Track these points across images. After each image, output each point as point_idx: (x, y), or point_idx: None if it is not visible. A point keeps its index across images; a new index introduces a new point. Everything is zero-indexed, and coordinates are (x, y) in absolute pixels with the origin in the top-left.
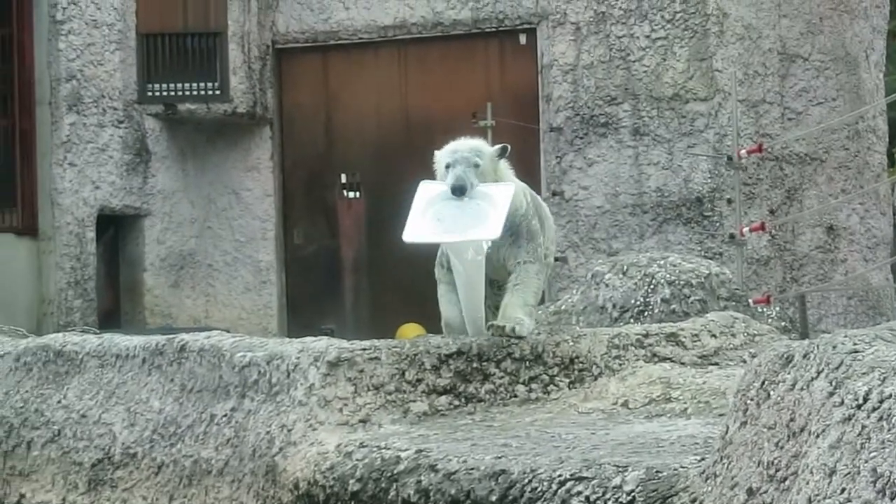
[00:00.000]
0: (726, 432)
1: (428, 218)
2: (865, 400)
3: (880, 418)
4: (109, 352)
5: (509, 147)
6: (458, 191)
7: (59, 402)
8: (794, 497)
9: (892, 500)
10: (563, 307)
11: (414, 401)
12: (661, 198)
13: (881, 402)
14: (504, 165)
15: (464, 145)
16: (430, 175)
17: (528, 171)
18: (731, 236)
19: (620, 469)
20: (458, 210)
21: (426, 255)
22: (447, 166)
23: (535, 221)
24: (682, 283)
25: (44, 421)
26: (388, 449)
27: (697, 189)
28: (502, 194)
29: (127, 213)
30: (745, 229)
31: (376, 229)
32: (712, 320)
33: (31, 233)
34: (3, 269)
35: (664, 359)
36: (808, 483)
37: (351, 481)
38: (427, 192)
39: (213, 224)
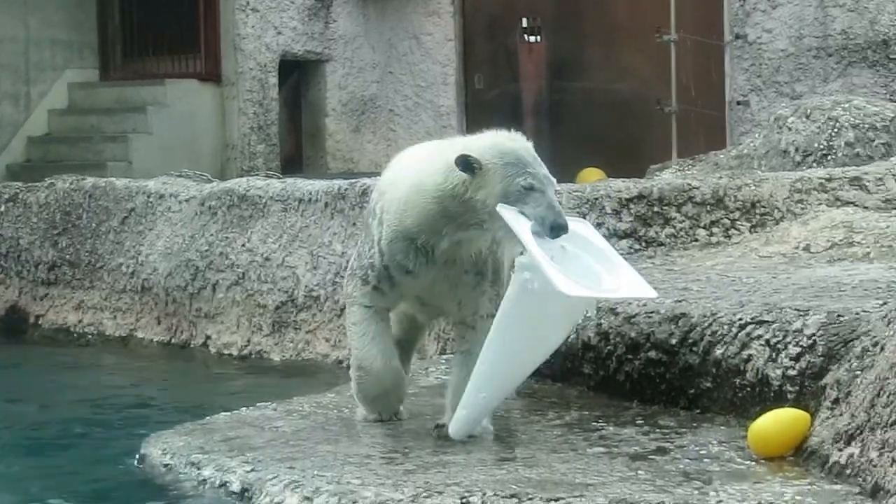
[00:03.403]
0: None
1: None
2: None
3: None
4: (292, 196)
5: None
6: (562, 230)
7: (243, 245)
8: None
9: None
10: (744, 151)
11: None
12: (846, 40)
13: None
14: None
15: (535, 156)
16: (616, 25)
17: (710, 13)
18: None
19: (801, 313)
20: (566, 260)
21: (609, 100)
22: (527, 188)
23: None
24: (866, 126)
25: (228, 264)
26: None
27: (884, 31)
28: (596, 237)
29: (309, 59)
30: None
31: (557, 73)
32: None
33: (215, 78)
34: (188, 115)
35: (847, 203)
36: None
37: None
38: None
39: (394, 69)
